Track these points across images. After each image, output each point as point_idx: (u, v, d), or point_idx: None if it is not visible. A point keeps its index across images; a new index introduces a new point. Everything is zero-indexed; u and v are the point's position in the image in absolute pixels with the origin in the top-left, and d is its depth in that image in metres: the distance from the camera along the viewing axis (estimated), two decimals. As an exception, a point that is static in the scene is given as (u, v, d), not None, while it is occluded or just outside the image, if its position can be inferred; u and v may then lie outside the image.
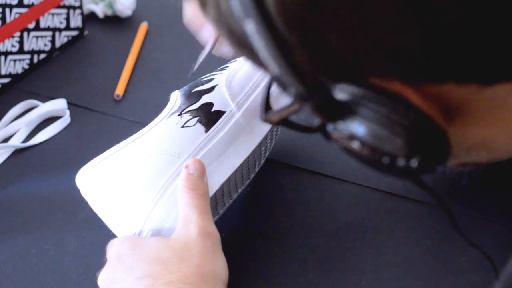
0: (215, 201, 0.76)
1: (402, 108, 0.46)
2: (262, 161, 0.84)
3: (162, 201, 0.72)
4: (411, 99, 0.46)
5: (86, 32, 1.16)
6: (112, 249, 0.69)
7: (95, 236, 0.81)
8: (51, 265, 0.79)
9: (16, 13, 1.03)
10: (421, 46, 0.43)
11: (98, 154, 0.75)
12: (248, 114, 0.78)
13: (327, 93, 0.46)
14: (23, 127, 0.97)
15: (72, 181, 0.76)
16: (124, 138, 0.77)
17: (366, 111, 0.46)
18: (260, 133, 0.79)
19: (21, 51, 1.05)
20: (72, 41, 1.13)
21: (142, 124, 0.80)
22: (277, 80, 0.46)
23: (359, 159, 0.48)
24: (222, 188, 0.76)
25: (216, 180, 0.75)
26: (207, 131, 0.76)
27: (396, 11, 0.42)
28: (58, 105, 1.00)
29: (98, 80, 1.07)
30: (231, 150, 0.77)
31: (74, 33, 1.13)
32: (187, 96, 0.78)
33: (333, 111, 0.47)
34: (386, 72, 0.45)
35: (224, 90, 0.79)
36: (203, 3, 0.48)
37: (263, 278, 0.77)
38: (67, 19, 1.11)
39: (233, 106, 0.78)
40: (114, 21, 1.19)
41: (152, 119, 0.78)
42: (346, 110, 0.47)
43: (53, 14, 1.09)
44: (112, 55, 1.11)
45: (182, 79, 0.94)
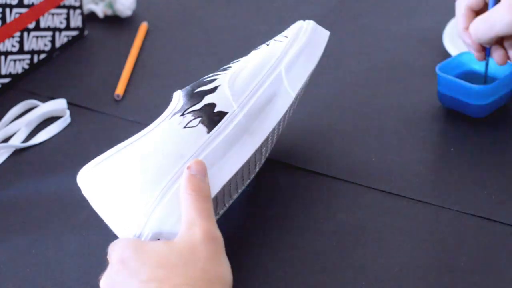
0: (216, 202, 0.76)
1: None
2: (263, 161, 0.84)
3: (164, 202, 0.72)
4: None
5: (86, 32, 1.16)
6: (115, 252, 0.68)
7: (95, 236, 0.81)
8: (51, 265, 0.79)
9: (16, 13, 1.03)
10: None
11: (98, 154, 0.75)
12: (251, 115, 0.78)
13: None
14: (23, 127, 0.97)
15: (72, 181, 0.76)
16: (124, 138, 0.76)
17: None
18: (262, 134, 0.79)
19: (21, 51, 1.05)
20: (72, 41, 1.13)
21: (142, 124, 0.80)
22: None
23: None
24: (223, 189, 0.76)
25: (218, 182, 0.75)
26: (210, 132, 0.76)
27: None
28: (58, 105, 1.00)
29: (98, 80, 1.07)
30: (233, 151, 0.77)
31: (74, 33, 1.13)
32: (190, 96, 0.78)
33: None
34: None
35: (227, 91, 0.79)
36: None
37: (263, 278, 0.77)
38: (67, 19, 1.11)
39: (236, 107, 0.78)
40: (114, 21, 1.19)
41: (152, 119, 0.78)
42: None
43: (53, 14, 1.09)
44: (112, 55, 1.11)
45: (182, 79, 0.94)
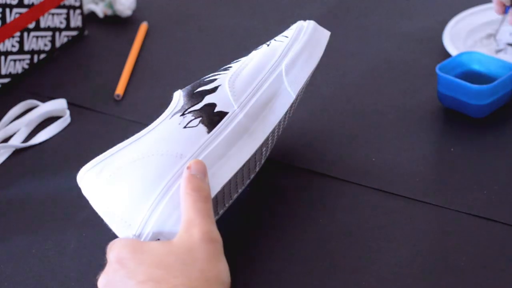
0: (216, 202, 0.76)
1: None
2: (263, 161, 0.84)
3: (164, 202, 0.72)
4: None
5: (86, 32, 1.16)
6: (113, 252, 0.68)
7: (95, 236, 0.81)
8: (51, 265, 0.79)
9: (16, 13, 1.03)
10: None
11: (98, 154, 0.75)
12: (251, 115, 0.78)
13: None
14: (23, 127, 0.97)
15: (72, 181, 0.76)
16: (124, 138, 0.76)
17: None
18: (263, 134, 0.79)
19: (21, 51, 1.05)
20: (72, 41, 1.13)
21: (142, 124, 0.80)
22: None
23: None
24: (223, 189, 0.76)
25: (218, 182, 0.75)
26: (210, 132, 0.76)
27: None
28: (58, 105, 1.00)
29: (98, 80, 1.07)
30: (234, 151, 0.77)
31: (74, 33, 1.13)
32: (190, 96, 0.78)
33: None
34: None
35: (227, 91, 0.79)
36: None
37: (263, 278, 0.77)
38: (67, 19, 1.11)
39: (236, 107, 0.78)
40: (114, 21, 1.19)
41: (152, 119, 0.78)
42: None
43: (53, 14, 1.09)
44: (112, 55, 1.11)
45: (182, 79, 0.94)
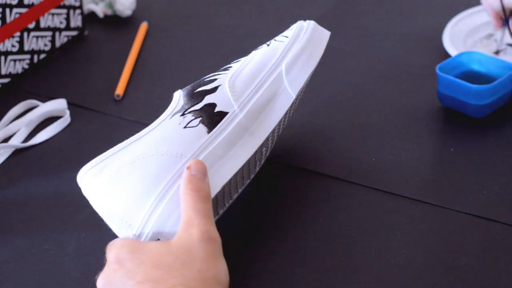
0: (216, 202, 0.76)
1: None
2: (263, 161, 0.84)
3: (164, 202, 0.72)
4: None
5: (86, 32, 1.16)
6: (112, 252, 0.68)
7: (95, 236, 0.81)
8: (51, 265, 0.79)
9: (16, 13, 1.03)
10: None
11: (98, 154, 0.75)
12: (251, 115, 0.78)
13: None
14: (23, 127, 0.97)
15: (72, 181, 0.76)
16: (124, 138, 0.76)
17: None
18: (263, 134, 0.79)
19: (21, 51, 1.05)
20: (72, 41, 1.13)
21: (142, 124, 0.80)
22: None
23: None
24: (223, 189, 0.76)
25: (218, 182, 0.75)
26: (210, 132, 0.76)
27: None
28: (58, 105, 1.00)
29: (98, 80, 1.07)
30: (234, 151, 0.77)
31: (74, 33, 1.14)
32: (190, 96, 0.78)
33: None
34: None
35: (227, 91, 0.79)
36: None
37: (263, 278, 0.77)
38: (67, 19, 1.11)
39: (236, 107, 0.78)
40: (114, 21, 1.19)
41: (152, 119, 0.78)
42: None
43: (53, 14, 1.09)
44: (112, 55, 1.11)
45: (182, 79, 0.94)
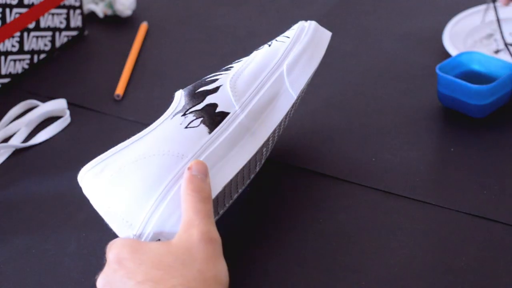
0: (216, 202, 0.76)
1: None
2: (263, 161, 0.84)
3: (165, 202, 0.72)
4: None
5: (86, 32, 1.16)
6: (112, 252, 0.68)
7: (95, 236, 0.81)
8: (51, 265, 0.79)
9: (16, 13, 1.03)
10: None
11: (98, 154, 0.75)
12: (252, 115, 0.78)
13: None
14: (23, 127, 0.97)
15: (72, 181, 0.76)
16: (124, 138, 0.76)
17: None
18: (264, 135, 0.79)
19: (21, 51, 1.05)
20: (72, 41, 1.13)
21: (142, 124, 0.80)
22: None
23: None
24: (224, 189, 0.76)
25: (219, 182, 0.75)
26: (211, 132, 0.76)
27: None
28: (58, 105, 1.00)
29: (98, 80, 1.07)
30: (235, 152, 0.77)
31: (74, 33, 1.14)
32: (191, 96, 0.78)
33: None
34: None
35: (229, 91, 0.79)
36: None
37: (263, 278, 0.77)
38: (67, 19, 1.11)
39: (237, 107, 0.78)
40: (114, 21, 1.19)
41: (152, 119, 0.78)
42: None
43: (53, 14, 1.09)
44: (112, 55, 1.11)
45: (183, 79, 0.94)
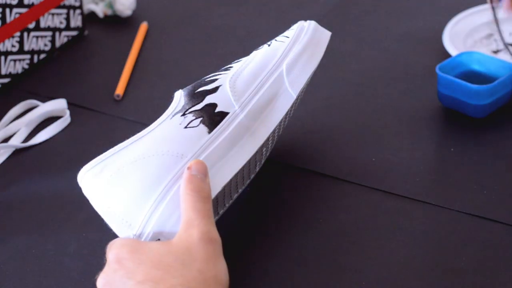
0: (216, 202, 0.76)
1: None
2: (263, 161, 0.84)
3: (165, 202, 0.72)
4: None
5: (86, 32, 1.16)
6: (112, 252, 0.68)
7: (95, 236, 0.81)
8: (51, 265, 0.79)
9: (16, 13, 1.03)
10: None
11: (98, 154, 0.75)
12: (252, 115, 0.78)
13: None
14: (23, 127, 0.97)
15: (72, 181, 0.76)
16: (124, 138, 0.76)
17: None
18: (263, 134, 0.79)
19: (21, 51, 1.05)
20: (72, 41, 1.13)
21: (142, 124, 0.80)
22: None
23: None
24: (224, 189, 0.76)
25: (219, 182, 0.75)
26: (211, 132, 0.76)
27: None
28: (58, 105, 1.00)
29: (98, 80, 1.07)
30: (234, 152, 0.77)
31: (74, 33, 1.13)
32: (191, 96, 0.78)
33: None
34: None
35: (228, 91, 0.79)
36: None
37: (263, 278, 0.77)
38: (67, 19, 1.11)
39: (237, 107, 0.78)
40: (114, 21, 1.19)
41: (152, 119, 0.78)
42: None
43: (53, 14, 1.09)
44: (112, 55, 1.11)
45: (182, 79, 0.94)
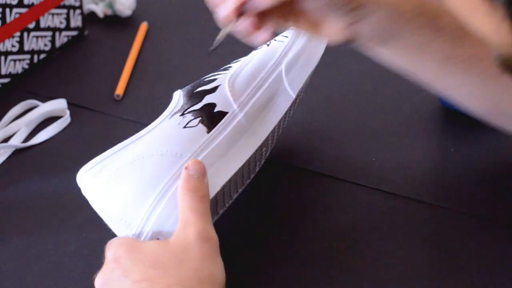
0: (216, 202, 0.76)
1: None
2: (263, 161, 0.84)
3: (163, 202, 0.72)
4: None
5: (86, 32, 1.16)
6: (110, 251, 0.69)
7: (95, 236, 0.81)
8: (51, 265, 0.79)
9: (16, 13, 1.03)
10: None
11: (98, 154, 0.75)
12: (251, 115, 0.78)
13: None
14: (23, 127, 0.97)
15: (72, 181, 0.76)
16: (124, 138, 0.76)
17: None
18: (263, 134, 0.79)
19: (21, 51, 1.05)
20: (72, 41, 1.13)
21: (142, 124, 0.80)
22: None
23: None
24: (223, 189, 0.76)
25: (218, 182, 0.75)
26: (209, 132, 0.76)
27: None
28: (58, 105, 1.00)
29: (98, 80, 1.07)
30: (233, 151, 0.77)
31: (74, 33, 1.13)
32: (190, 96, 0.78)
33: None
34: None
35: (227, 91, 0.79)
36: None
37: (262, 278, 0.77)
38: (67, 19, 1.11)
39: (236, 107, 0.78)
40: (114, 21, 1.19)
41: (152, 119, 0.78)
42: None
43: (53, 14, 1.09)
44: (112, 55, 1.11)
45: (182, 79, 0.94)
